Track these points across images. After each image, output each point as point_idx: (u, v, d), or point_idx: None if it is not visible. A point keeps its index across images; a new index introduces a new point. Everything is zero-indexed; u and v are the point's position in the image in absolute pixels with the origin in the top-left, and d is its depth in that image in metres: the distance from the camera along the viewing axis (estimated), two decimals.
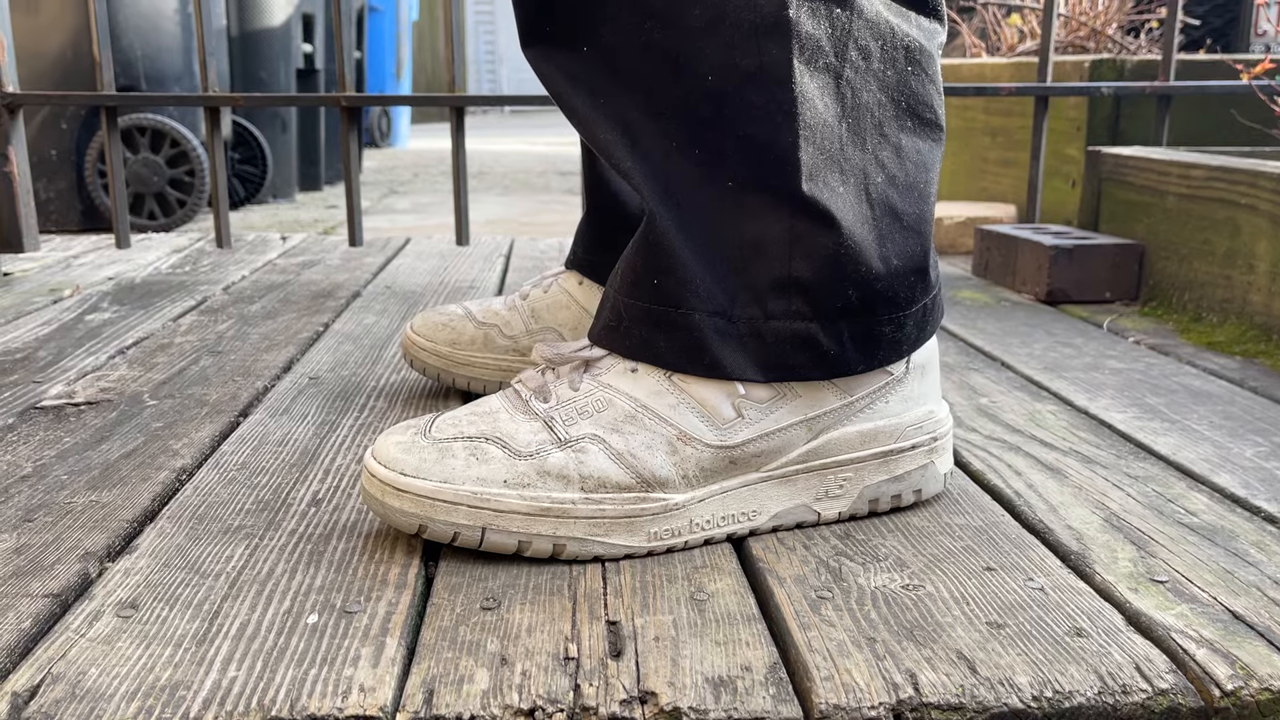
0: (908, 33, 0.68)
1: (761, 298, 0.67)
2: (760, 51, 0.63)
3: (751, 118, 0.64)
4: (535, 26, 0.70)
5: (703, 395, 0.67)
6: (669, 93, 0.66)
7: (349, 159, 1.66)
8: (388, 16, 5.66)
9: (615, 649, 0.55)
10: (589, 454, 0.65)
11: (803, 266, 0.66)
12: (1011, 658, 0.54)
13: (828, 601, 0.60)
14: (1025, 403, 0.98)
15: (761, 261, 0.66)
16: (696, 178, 0.66)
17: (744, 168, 0.66)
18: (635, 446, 0.66)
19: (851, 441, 0.70)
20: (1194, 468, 0.81)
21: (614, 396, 0.67)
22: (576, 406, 0.67)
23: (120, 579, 0.62)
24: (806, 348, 0.67)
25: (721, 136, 0.65)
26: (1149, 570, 0.64)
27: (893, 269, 0.68)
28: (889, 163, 0.68)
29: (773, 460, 0.69)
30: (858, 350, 0.69)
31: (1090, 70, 1.87)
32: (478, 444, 0.65)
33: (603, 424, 0.66)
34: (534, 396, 0.68)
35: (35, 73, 2.73)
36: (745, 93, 0.64)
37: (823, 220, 0.66)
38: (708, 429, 0.67)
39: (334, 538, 0.68)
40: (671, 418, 0.66)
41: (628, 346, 0.68)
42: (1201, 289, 1.30)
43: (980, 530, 0.70)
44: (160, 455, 0.82)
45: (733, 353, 0.67)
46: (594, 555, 0.65)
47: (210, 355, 1.13)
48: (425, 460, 0.64)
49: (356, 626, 0.57)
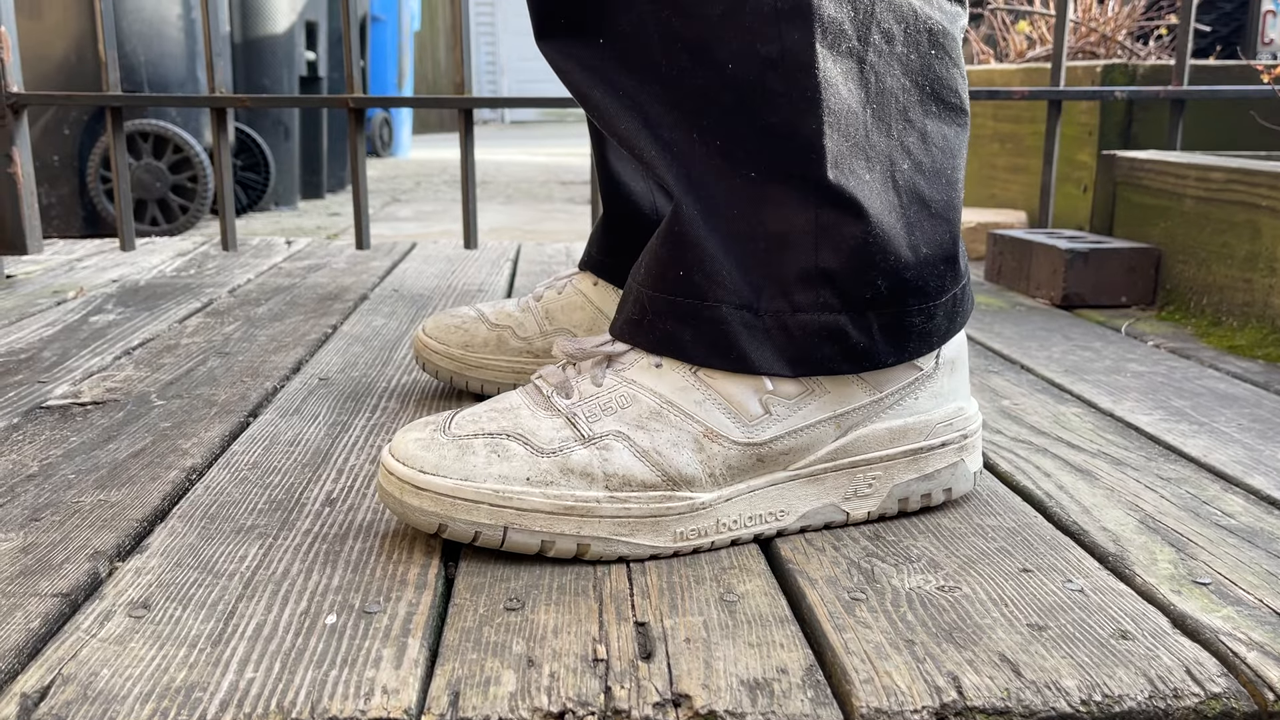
0: (930, 15, 0.66)
1: (788, 290, 0.65)
2: (781, 37, 0.62)
3: (774, 106, 0.63)
4: (550, 19, 0.68)
5: (729, 391, 0.65)
6: (688, 82, 0.64)
7: (356, 160, 1.64)
8: (390, 26, 5.66)
9: (645, 650, 0.53)
10: (613, 451, 0.63)
11: (830, 257, 0.65)
12: (1056, 660, 0.52)
13: (861, 603, 0.58)
14: (1048, 405, 0.96)
15: (787, 253, 0.65)
16: (718, 169, 0.65)
17: (767, 157, 0.64)
18: (661, 444, 0.64)
19: (881, 439, 0.69)
20: (1227, 470, 0.79)
21: (638, 392, 0.65)
22: (600, 402, 0.65)
23: (131, 578, 0.60)
24: (835, 340, 0.66)
25: (743, 126, 0.64)
26: (1190, 572, 0.62)
27: (922, 258, 0.66)
28: (915, 149, 0.66)
29: (801, 458, 0.67)
30: (887, 342, 0.67)
31: (1102, 75, 1.86)
32: (499, 441, 0.63)
33: (627, 420, 0.64)
34: (556, 392, 0.67)
35: (39, 76, 2.72)
36: (767, 80, 0.62)
37: (849, 209, 0.64)
38: (735, 426, 0.65)
39: (350, 537, 0.66)
40: (697, 414, 0.65)
41: (652, 340, 0.66)
42: (1221, 292, 1.28)
43: (1013, 531, 0.68)
44: (169, 455, 0.81)
45: (759, 347, 0.65)
46: (619, 556, 0.63)
47: (218, 356, 1.11)
48: (445, 457, 0.62)
49: (376, 627, 0.55)
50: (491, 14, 11.54)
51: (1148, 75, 1.86)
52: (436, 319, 0.98)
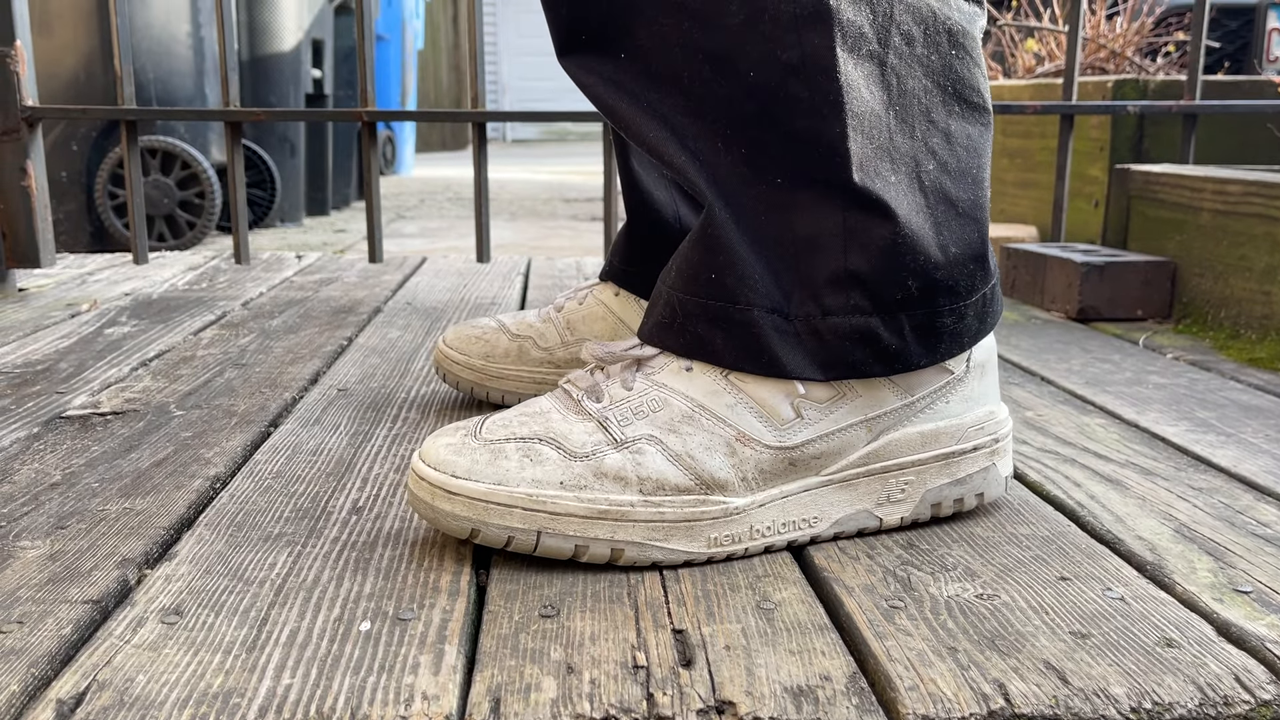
0: (949, 16, 0.66)
1: (818, 293, 0.65)
2: (801, 43, 0.62)
3: (796, 111, 0.63)
4: (571, 35, 0.68)
5: (761, 395, 0.65)
6: (711, 92, 0.64)
7: (370, 174, 1.64)
8: (394, 45, 5.68)
9: (685, 658, 0.52)
10: (646, 455, 0.63)
11: (859, 259, 0.64)
12: (1103, 668, 0.51)
13: (900, 611, 0.57)
14: (1072, 416, 0.96)
15: (816, 257, 0.65)
16: (743, 175, 0.65)
17: (792, 163, 0.64)
18: (693, 447, 0.63)
19: (913, 443, 0.68)
20: (1258, 480, 0.79)
21: (670, 396, 0.65)
22: (631, 406, 0.65)
23: (161, 585, 0.59)
24: (866, 343, 0.65)
25: (767, 132, 0.64)
26: (1231, 580, 0.61)
27: (951, 257, 0.66)
28: (940, 149, 0.66)
29: (833, 463, 0.67)
30: (919, 344, 0.67)
31: (1114, 90, 1.87)
32: (531, 445, 0.63)
33: (659, 424, 0.64)
34: (586, 396, 0.66)
35: (49, 93, 2.73)
36: (789, 86, 0.62)
37: (877, 210, 0.64)
38: (766, 429, 0.65)
39: (379, 545, 0.66)
40: (729, 418, 0.64)
41: (683, 344, 0.66)
42: (1239, 305, 1.28)
43: (1047, 540, 0.67)
44: (192, 464, 0.80)
45: (791, 350, 0.65)
46: (652, 561, 0.62)
47: (235, 367, 1.11)
48: (477, 462, 0.62)
49: (412, 634, 0.54)
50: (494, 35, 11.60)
51: (1159, 90, 1.86)
52: (457, 330, 0.97)
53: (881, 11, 0.64)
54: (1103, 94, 1.90)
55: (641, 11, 0.64)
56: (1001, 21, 2.57)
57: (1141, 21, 2.32)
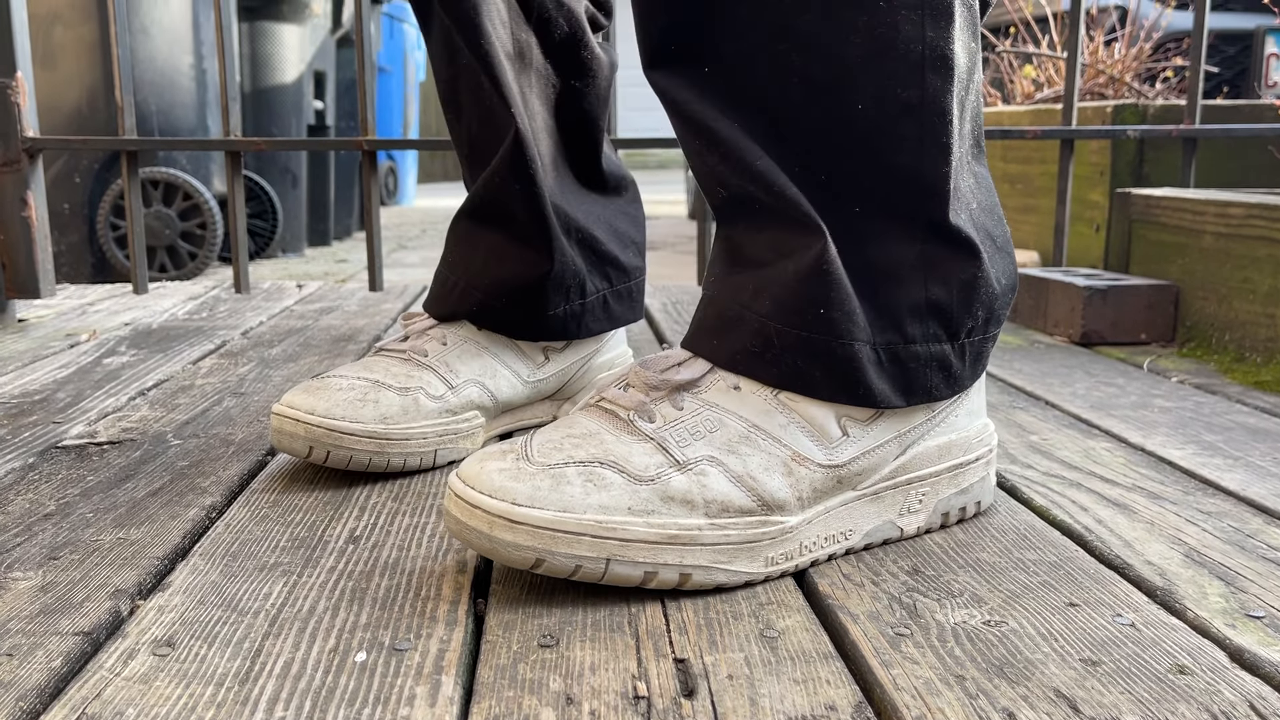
0: (976, 54, 0.68)
1: (900, 322, 0.66)
2: (924, 84, 0.62)
3: (902, 148, 0.63)
4: (661, 48, 0.66)
5: (811, 414, 0.65)
6: (798, 117, 0.63)
7: (370, 202, 1.65)
8: (396, 77, 5.71)
9: (687, 688, 0.51)
10: (710, 477, 0.62)
11: (940, 291, 0.66)
12: (1114, 696, 0.50)
13: (907, 638, 0.56)
14: (1077, 440, 0.95)
15: (897, 286, 0.66)
16: (820, 202, 0.64)
17: (879, 196, 0.64)
18: (754, 468, 0.63)
19: (931, 455, 0.71)
20: (1267, 503, 0.77)
21: (724, 416, 0.64)
22: (688, 427, 0.63)
23: (154, 616, 0.58)
24: (941, 369, 0.68)
25: (860, 164, 0.64)
26: (1243, 605, 0.60)
27: (1002, 288, 0.70)
28: (975, 189, 0.70)
29: (869, 478, 0.68)
30: (970, 367, 0.70)
31: (1113, 115, 1.87)
32: (593, 469, 0.61)
33: (717, 445, 0.63)
34: (637, 415, 0.64)
35: (51, 125, 2.74)
36: (900, 124, 0.63)
37: (965, 248, 0.67)
38: (817, 449, 0.65)
39: (376, 575, 0.65)
40: (784, 438, 0.64)
41: (776, 375, 0.65)
42: (1243, 328, 1.27)
43: (1055, 566, 0.66)
44: (188, 493, 0.79)
45: (879, 379, 0.66)
46: (716, 584, 0.62)
47: (233, 396, 1.10)
48: (539, 488, 0.59)
49: (408, 664, 0.53)
50: None
51: (1158, 115, 1.86)
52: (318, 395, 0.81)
53: (972, 57, 0.66)
54: (1102, 119, 1.90)
55: (734, 25, 0.63)
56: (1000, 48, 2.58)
57: (1140, 47, 2.32)
